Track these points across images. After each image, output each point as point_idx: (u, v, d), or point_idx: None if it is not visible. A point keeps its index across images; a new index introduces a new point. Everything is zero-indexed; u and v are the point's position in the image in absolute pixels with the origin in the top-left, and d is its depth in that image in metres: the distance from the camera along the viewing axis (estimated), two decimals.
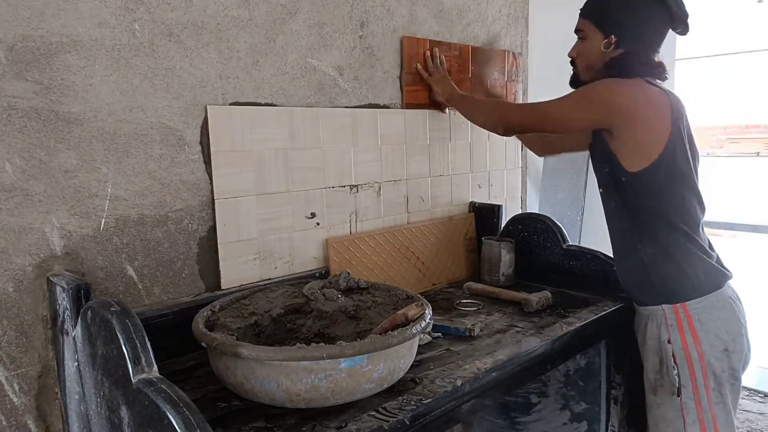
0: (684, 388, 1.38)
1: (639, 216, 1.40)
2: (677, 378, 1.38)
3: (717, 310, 1.37)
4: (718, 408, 1.37)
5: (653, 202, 1.38)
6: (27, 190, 1.06)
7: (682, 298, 1.38)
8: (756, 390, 3.05)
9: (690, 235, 1.38)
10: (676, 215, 1.38)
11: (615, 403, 1.66)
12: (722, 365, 1.36)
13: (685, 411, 1.38)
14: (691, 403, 1.37)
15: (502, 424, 1.95)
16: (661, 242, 1.38)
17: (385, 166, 1.69)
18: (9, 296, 1.07)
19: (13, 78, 1.03)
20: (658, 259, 1.39)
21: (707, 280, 1.38)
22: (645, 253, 1.41)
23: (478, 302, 1.64)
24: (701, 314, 1.37)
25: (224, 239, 1.34)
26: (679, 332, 1.37)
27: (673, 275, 1.38)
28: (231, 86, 1.32)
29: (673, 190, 1.37)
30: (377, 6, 1.62)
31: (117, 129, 1.16)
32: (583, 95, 1.40)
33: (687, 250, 1.38)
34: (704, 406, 1.36)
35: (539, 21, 2.24)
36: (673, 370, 1.38)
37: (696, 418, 1.37)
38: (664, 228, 1.38)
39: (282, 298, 1.26)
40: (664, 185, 1.36)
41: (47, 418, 1.13)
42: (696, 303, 1.37)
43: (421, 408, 1.03)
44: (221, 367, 1.02)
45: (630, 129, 1.35)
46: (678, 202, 1.38)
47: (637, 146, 1.35)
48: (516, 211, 2.15)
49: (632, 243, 1.43)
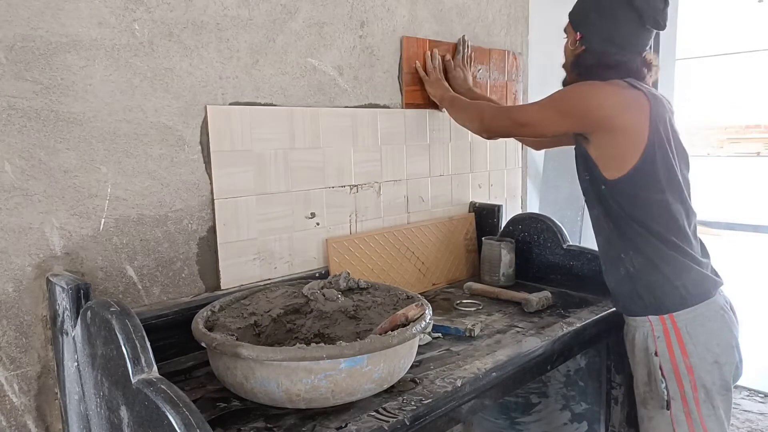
0: (673, 401, 1.34)
1: (622, 225, 1.36)
2: (666, 391, 1.34)
3: (707, 320, 1.33)
4: (710, 420, 1.33)
5: (634, 211, 1.34)
6: (27, 190, 1.06)
7: (669, 309, 1.34)
8: (756, 390, 3.05)
9: (676, 244, 1.33)
10: (660, 223, 1.33)
11: (615, 403, 1.66)
12: (713, 378, 1.32)
13: (676, 424, 1.35)
14: (681, 416, 1.34)
15: (502, 424, 1.95)
16: (645, 252, 1.34)
17: (385, 166, 1.69)
18: (9, 296, 1.06)
19: (13, 78, 1.03)
20: (643, 270, 1.35)
21: (696, 290, 1.33)
22: (630, 263, 1.37)
23: (478, 302, 1.64)
24: (690, 326, 1.32)
25: (224, 239, 1.34)
26: (667, 344, 1.34)
27: (659, 285, 1.34)
28: (231, 86, 1.32)
29: (654, 197, 1.32)
30: (377, 6, 1.62)
31: (117, 129, 1.16)
32: (559, 101, 1.40)
33: (673, 259, 1.33)
34: (695, 418, 1.33)
35: (539, 21, 2.24)
36: (661, 383, 1.34)
37: (687, 431, 1.35)
38: (648, 237, 1.33)
39: (282, 299, 1.25)
40: (644, 193, 1.32)
41: (47, 418, 1.13)
42: (684, 314, 1.33)
43: (421, 408, 1.03)
44: (221, 367, 1.02)
45: (606, 136, 1.32)
46: (661, 210, 1.33)
47: (615, 153, 1.32)
48: (516, 211, 2.14)
49: (617, 252, 1.40)
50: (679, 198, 1.35)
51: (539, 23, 2.24)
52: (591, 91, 1.35)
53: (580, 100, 1.36)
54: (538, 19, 2.22)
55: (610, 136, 1.32)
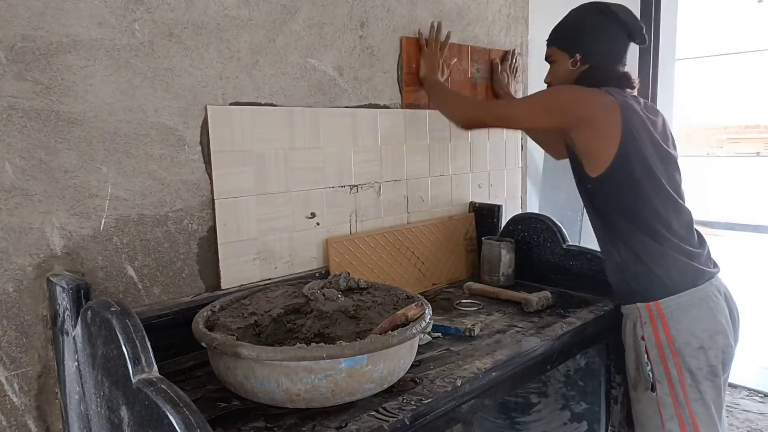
0: (659, 384, 1.42)
1: (608, 219, 1.46)
2: (651, 374, 1.42)
3: (691, 307, 1.39)
4: (697, 404, 1.39)
5: (617, 205, 1.43)
6: (27, 190, 1.06)
7: (654, 296, 1.41)
8: (756, 390, 3.05)
9: (660, 236, 1.41)
10: (642, 217, 1.41)
11: (615, 403, 1.66)
12: (698, 363, 1.38)
13: (662, 406, 1.42)
14: (667, 398, 1.41)
15: (502, 424, 1.95)
16: (629, 244, 1.44)
17: (385, 166, 1.69)
18: (9, 296, 1.07)
19: (13, 78, 1.03)
20: (629, 260, 1.45)
21: (681, 279, 1.40)
22: (618, 254, 1.47)
23: (478, 302, 1.64)
24: (675, 312, 1.40)
25: (224, 239, 1.34)
26: (653, 329, 1.41)
27: (644, 276, 1.43)
28: (231, 86, 1.32)
29: (635, 193, 1.41)
30: (377, 6, 1.62)
31: (117, 129, 1.16)
32: (543, 97, 1.52)
33: (656, 250, 1.41)
34: (681, 401, 1.40)
35: (539, 21, 2.24)
36: (646, 366, 1.42)
37: (674, 414, 1.40)
38: (631, 230, 1.42)
39: (282, 298, 1.25)
40: (625, 188, 1.41)
41: (47, 418, 1.13)
42: (669, 301, 1.40)
43: (421, 408, 1.03)
44: (221, 367, 1.02)
45: (585, 133, 1.43)
46: (642, 204, 1.41)
47: (594, 151, 1.43)
48: (516, 211, 2.15)
49: (607, 245, 1.50)
50: (662, 193, 1.43)
51: (539, 23, 2.24)
52: (575, 92, 1.48)
53: (564, 97, 1.48)
54: (538, 19, 2.22)
55: (588, 134, 1.42)
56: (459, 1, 1.87)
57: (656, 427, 1.44)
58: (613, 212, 1.45)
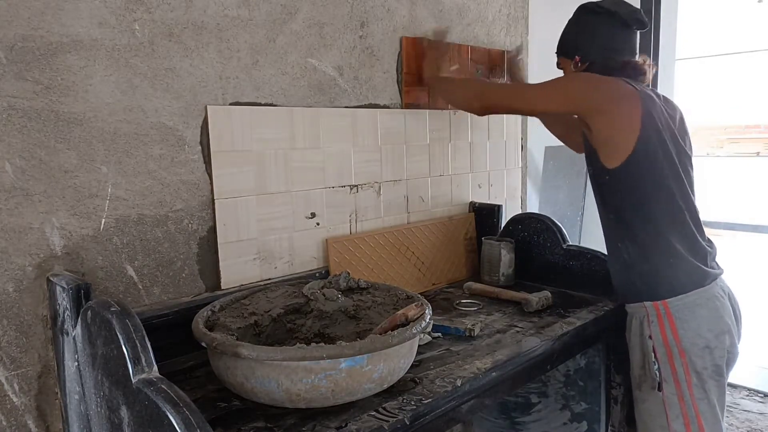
0: (666, 383, 1.41)
1: (619, 214, 1.44)
2: (657, 373, 1.41)
3: (698, 307, 1.39)
4: (703, 404, 1.39)
5: (630, 200, 1.41)
6: (27, 190, 1.06)
7: (662, 295, 1.40)
8: (756, 390, 3.05)
9: (671, 234, 1.39)
10: (655, 214, 1.39)
11: (615, 403, 1.66)
12: (704, 362, 1.38)
13: (668, 406, 1.41)
14: (673, 398, 1.40)
15: (502, 424, 1.95)
16: (639, 241, 1.42)
17: (385, 166, 1.69)
18: (9, 296, 1.07)
19: (13, 78, 1.03)
20: (637, 258, 1.43)
21: (688, 279, 1.39)
22: (626, 251, 1.45)
23: (478, 302, 1.64)
24: (682, 311, 1.39)
25: (224, 239, 1.34)
26: (660, 328, 1.40)
27: (651, 274, 1.41)
28: (231, 86, 1.32)
29: (649, 188, 1.39)
30: (377, 6, 1.62)
31: (117, 129, 1.16)
32: (560, 81, 1.52)
33: (665, 249, 1.39)
34: (687, 401, 1.39)
35: (539, 21, 2.24)
36: (653, 365, 1.41)
37: (679, 413, 1.40)
38: (643, 226, 1.41)
39: (282, 298, 1.25)
40: (640, 183, 1.39)
41: (47, 418, 1.13)
42: (676, 300, 1.39)
43: (421, 408, 1.03)
44: (221, 367, 1.02)
45: (602, 122, 1.40)
46: (656, 201, 1.39)
47: (611, 141, 1.40)
48: (516, 211, 2.15)
49: (615, 242, 1.48)
50: (676, 190, 1.41)
51: (539, 23, 2.24)
52: (593, 79, 1.46)
53: (583, 83, 1.47)
54: (538, 19, 2.22)
55: (605, 122, 1.39)
56: (459, 1, 1.87)
57: (661, 427, 1.43)
58: (627, 207, 1.42)
